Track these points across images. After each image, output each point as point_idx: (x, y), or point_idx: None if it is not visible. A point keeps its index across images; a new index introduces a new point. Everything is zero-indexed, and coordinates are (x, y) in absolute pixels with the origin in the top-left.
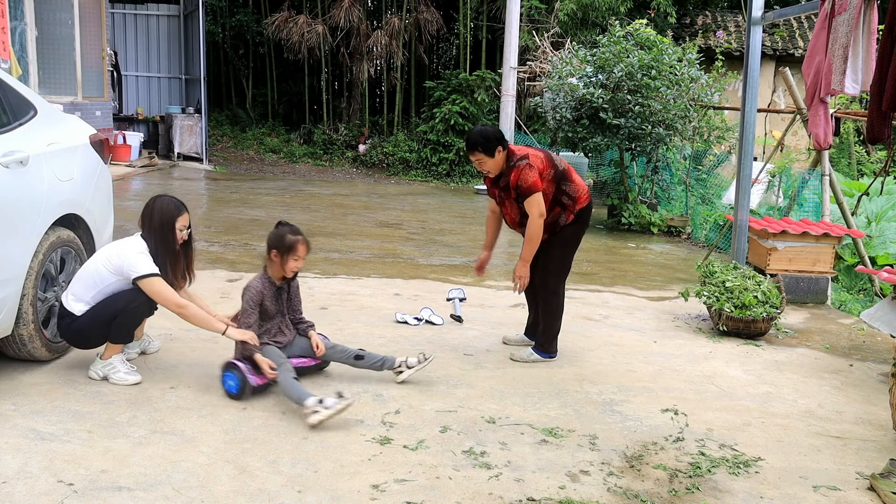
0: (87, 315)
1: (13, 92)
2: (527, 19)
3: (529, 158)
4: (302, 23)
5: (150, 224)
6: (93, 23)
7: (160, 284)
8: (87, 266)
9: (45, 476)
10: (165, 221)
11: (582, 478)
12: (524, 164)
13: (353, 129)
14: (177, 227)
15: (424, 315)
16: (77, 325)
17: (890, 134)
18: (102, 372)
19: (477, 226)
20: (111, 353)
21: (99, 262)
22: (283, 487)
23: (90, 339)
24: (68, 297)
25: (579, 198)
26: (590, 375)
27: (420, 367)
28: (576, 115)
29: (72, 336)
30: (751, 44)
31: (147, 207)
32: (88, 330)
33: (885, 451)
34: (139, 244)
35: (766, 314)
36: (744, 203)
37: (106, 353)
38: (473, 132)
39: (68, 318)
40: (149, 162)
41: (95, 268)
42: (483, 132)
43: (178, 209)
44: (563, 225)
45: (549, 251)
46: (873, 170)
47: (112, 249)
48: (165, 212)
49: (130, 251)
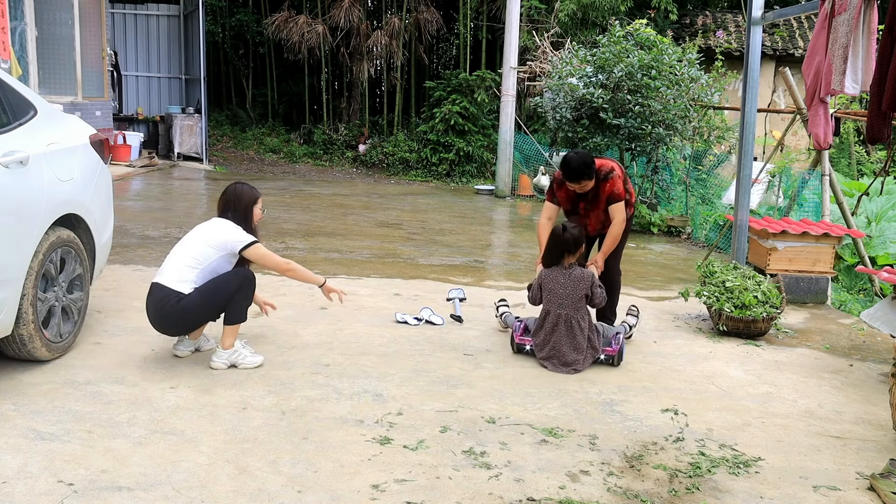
0: (196, 294)
1: (13, 92)
2: (527, 19)
3: (615, 170)
4: (302, 23)
5: (236, 207)
6: (93, 23)
7: (264, 249)
8: (183, 249)
9: (45, 476)
10: (247, 203)
11: (582, 478)
12: (615, 176)
13: (353, 129)
14: (256, 208)
15: (424, 315)
16: (186, 302)
17: (890, 134)
18: (230, 360)
19: (477, 226)
20: (231, 340)
21: (199, 243)
22: (283, 487)
23: (195, 318)
24: (170, 280)
25: (632, 193)
26: (590, 375)
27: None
28: (576, 115)
29: (177, 315)
30: (751, 44)
31: (228, 193)
32: (199, 308)
33: (885, 451)
34: (228, 221)
35: (766, 314)
36: (744, 203)
37: (226, 341)
38: (577, 165)
39: (175, 297)
40: (149, 162)
41: (196, 248)
42: (585, 162)
43: (256, 193)
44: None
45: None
46: (873, 170)
47: (207, 231)
48: (247, 195)
49: (228, 227)
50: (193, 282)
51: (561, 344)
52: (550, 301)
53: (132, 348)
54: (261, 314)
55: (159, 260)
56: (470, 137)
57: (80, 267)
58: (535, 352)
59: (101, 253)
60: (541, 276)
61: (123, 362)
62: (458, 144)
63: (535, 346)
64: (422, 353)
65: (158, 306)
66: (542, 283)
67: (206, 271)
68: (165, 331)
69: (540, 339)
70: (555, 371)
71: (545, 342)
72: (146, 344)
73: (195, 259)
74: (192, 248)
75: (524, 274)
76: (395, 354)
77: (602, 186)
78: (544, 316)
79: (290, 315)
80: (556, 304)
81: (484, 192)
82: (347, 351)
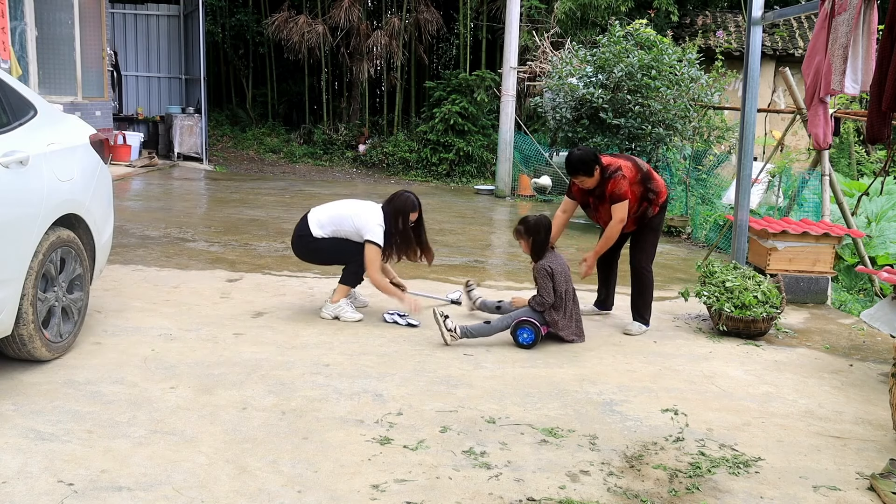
0: (327, 241)
1: (13, 92)
2: (527, 19)
3: (623, 170)
4: (302, 23)
5: (390, 205)
6: (93, 23)
7: (375, 253)
8: (339, 209)
9: (45, 476)
10: (402, 212)
11: (582, 478)
12: (619, 176)
13: (353, 129)
14: (409, 215)
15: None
16: (316, 244)
17: (890, 134)
18: (334, 312)
19: (477, 226)
20: (339, 297)
21: (349, 214)
22: (283, 487)
23: (319, 257)
24: (314, 223)
25: (661, 192)
26: (590, 375)
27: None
28: (576, 115)
29: (305, 249)
30: (751, 44)
31: (394, 196)
32: (324, 252)
33: (885, 451)
34: (380, 216)
35: (766, 314)
36: (744, 203)
37: (336, 296)
38: (573, 159)
39: (308, 237)
40: (149, 162)
41: (346, 214)
42: (582, 158)
43: (413, 205)
44: (650, 217)
45: (641, 238)
46: (873, 170)
47: (363, 209)
48: (406, 204)
49: (374, 220)
50: (326, 233)
51: (580, 316)
52: (560, 283)
53: (132, 348)
54: (262, 314)
55: (159, 260)
56: (470, 137)
57: (80, 267)
58: (563, 334)
59: (101, 253)
60: (548, 269)
61: (123, 362)
62: (458, 144)
63: (562, 328)
64: (422, 353)
65: (298, 241)
66: (553, 270)
67: (338, 234)
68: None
69: (566, 319)
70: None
71: (570, 319)
72: (146, 344)
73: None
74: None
75: (524, 274)
76: (394, 354)
77: (606, 185)
78: (562, 297)
79: (290, 315)
80: (564, 282)
81: (484, 193)
82: (347, 351)
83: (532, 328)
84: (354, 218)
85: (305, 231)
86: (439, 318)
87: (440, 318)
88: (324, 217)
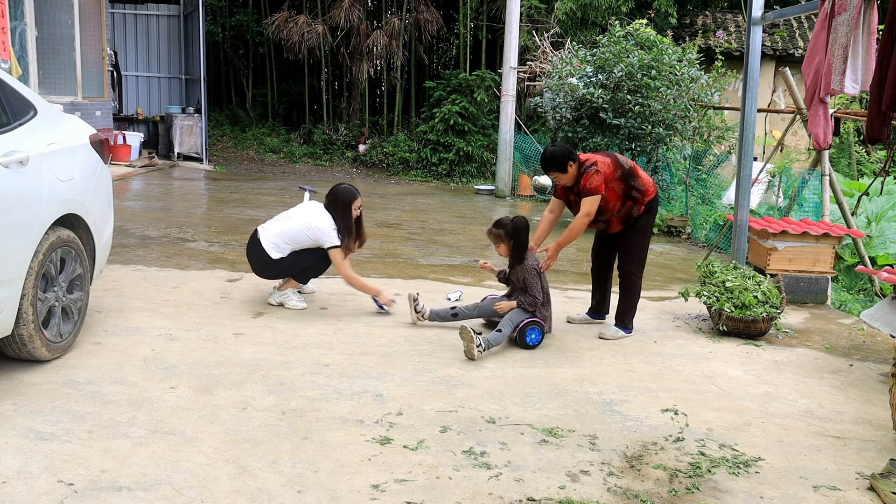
0: (286, 261)
1: (13, 92)
2: (527, 19)
3: (598, 165)
4: (302, 23)
5: (335, 204)
6: (93, 23)
7: (340, 256)
8: (288, 224)
9: (45, 476)
10: (348, 205)
11: (582, 478)
12: (592, 170)
13: (353, 129)
14: (353, 207)
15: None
16: (278, 265)
17: (889, 134)
18: (279, 299)
19: (477, 226)
20: (287, 287)
21: (301, 227)
22: (283, 487)
23: (286, 273)
24: (269, 246)
25: (647, 191)
26: (590, 375)
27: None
28: (576, 115)
29: (269, 271)
30: (751, 44)
31: (332, 192)
32: (290, 269)
33: (885, 451)
34: (329, 219)
35: (766, 314)
36: (744, 203)
37: (284, 286)
38: (545, 156)
39: (269, 261)
40: (149, 162)
41: (298, 228)
42: (553, 154)
43: (354, 195)
44: (635, 216)
45: (628, 239)
46: (873, 170)
47: (312, 217)
48: (346, 195)
49: (327, 226)
50: (283, 252)
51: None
52: (545, 281)
53: (132, 348)
54: (262, 314)
55: (159, 260)
56: (470, 137)
57: (80, 267)
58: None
59: (101, 253)
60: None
61: (123, 362)
62: (458, 144)
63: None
64: (422, 353)
65: (259, 263)
66: (540, 269)
67: (296, 248)
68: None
69: (549, 314)
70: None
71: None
72: (146, 344)
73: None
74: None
75: None
76: (395, 354)
77: (581, 179)
78: (548, 293)
79: (290, 315)
80: (546, 281)
81: (484, 192)
82: (347, 351)
83: (539, 328)
84: (308, 231)
85: (263, 255)
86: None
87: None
88: (276, 238)
